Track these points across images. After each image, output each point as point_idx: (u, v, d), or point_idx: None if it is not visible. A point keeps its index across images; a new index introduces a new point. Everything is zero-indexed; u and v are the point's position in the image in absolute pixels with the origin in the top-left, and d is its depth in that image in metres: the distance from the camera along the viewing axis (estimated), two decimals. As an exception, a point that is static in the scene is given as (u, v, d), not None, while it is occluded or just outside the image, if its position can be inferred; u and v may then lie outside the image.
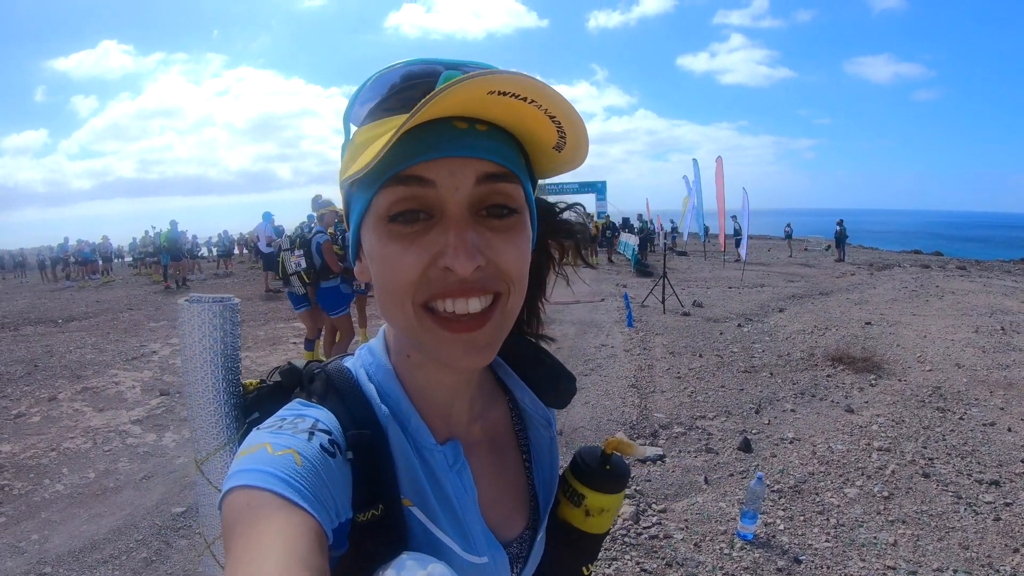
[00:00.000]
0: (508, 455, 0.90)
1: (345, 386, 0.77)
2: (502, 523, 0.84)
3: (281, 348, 9.87)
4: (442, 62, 0.67)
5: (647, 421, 5.97)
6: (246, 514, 0.57)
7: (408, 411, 0.76)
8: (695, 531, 4.00)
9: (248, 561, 0.52)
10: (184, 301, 0.83)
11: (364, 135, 0.67)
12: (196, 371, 0.82)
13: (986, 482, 4.52)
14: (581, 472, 0.95)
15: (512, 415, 0.93)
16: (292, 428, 0.67)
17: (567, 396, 0.95)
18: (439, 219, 0.64)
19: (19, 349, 10.48)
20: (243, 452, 0.64)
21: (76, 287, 22.98)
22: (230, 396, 0.83)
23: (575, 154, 0.70)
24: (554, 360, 0.95)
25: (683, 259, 26.37)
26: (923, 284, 14.97)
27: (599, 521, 0.95)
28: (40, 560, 3.89)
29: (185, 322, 0.83)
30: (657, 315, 11.80)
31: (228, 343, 0.84)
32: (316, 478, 0.62)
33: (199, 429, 0.82)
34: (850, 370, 7.46)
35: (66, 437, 6.01)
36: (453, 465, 0.78)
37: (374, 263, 0.68)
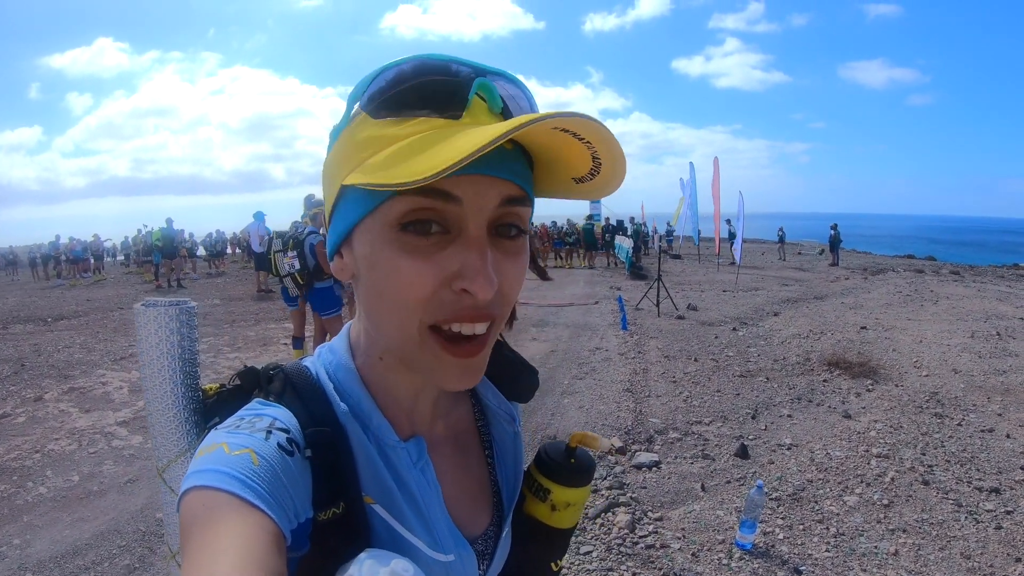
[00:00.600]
0: (471, 452, 0.89)
1: (303, 385, 0.75)
2: (467, 520, 0.83)
3: (272, 348, 9.78)
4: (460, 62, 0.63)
5: (642, 426, 5.89)
6: (202, 515, 0.56)
7: (370, 409, 0.75)
8: (692, 540, 3.92)
9: (202, 563, 0.52)
10: (139, 306, 0.81)
11: (375, 130, 0.62)
12: (154, 377, 0.81)
13: (986, 489, 4.47)
14: (546, 466, 0.94)
15: (475, 411, 0.92)
16: (249, 427, 0.65)
17: (529, 390, 0.94)
18: (456, 236, 0.62)
19: (6, 348, 10.35)
20: (200, 452, 0.63)
21: (67, 285, 22.86)
22: (189, 401, 0.82)
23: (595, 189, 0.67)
24: (515, 354, 0.94)
25: (677, 262, 26.39)
26: (917, 289, 14.99)
27: (565, 516, 0.94)
28: (21, 566, 3.79)
29: (141, 327, 0.81)
30: (651, 318, 11.75)
31: (186, 347, 0.82)
32: (274, 477, 0.61)
33: (159, 436, 0.81)
34: (847, 375, 7.42)
35: (51, 438, 5.89)
36: (417, 462, 0.76)
37: (375, 271, 0.64)
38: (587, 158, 0.61)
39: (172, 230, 20.44)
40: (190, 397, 0.83)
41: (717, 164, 20.71)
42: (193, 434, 0.82)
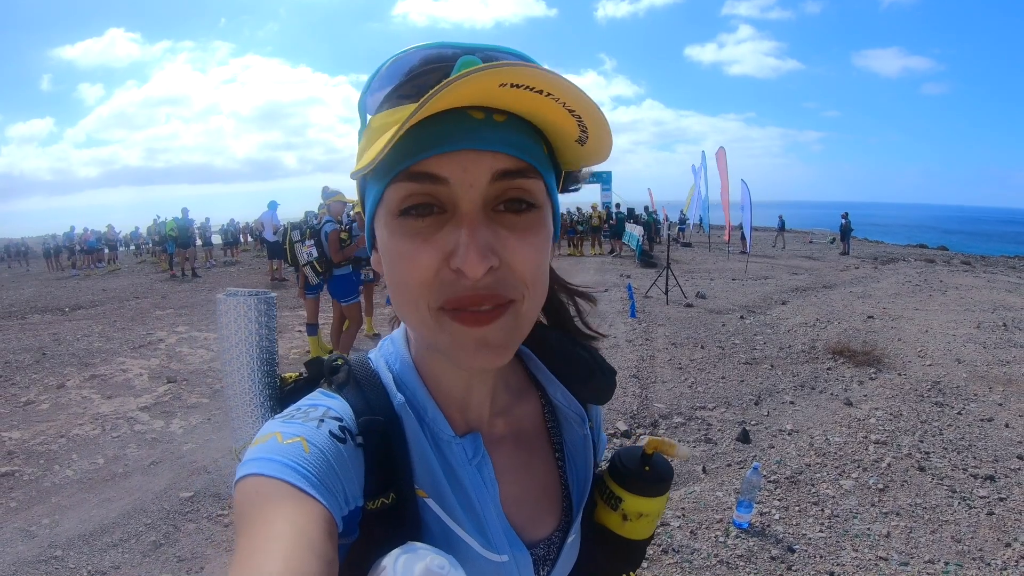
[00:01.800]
0: (538, 452, 0.86)
1: (364, 376, 0.76)
2: (529, 522, 0.81)
3: (286, 335, 9.96)
4: (461, 46, 0.64)
5: (647, 411, 6.03)
6: (255, 502, 0.57)
7: (425, 401, 0.75)
8: (692, 519, 4.07)
9: (255, 549, 0.53)
10: (222, 295, 0.85)
11: (378, 122, 0.65)
12: (233, 363, 0.83)
13: (981, 477, 4.57)
14: (619, 474, 0.91)
15: (545, 411, 0.89)
16: (303, 416, 0.67)
17: (605, 392, 0.90)
18: (452, 214, 0.61)
19: (27, 337, 10.58)
20: (256, 441, 0.64)
21: (82, 276, 23.12)
22: (266, 388, 0.84)
23: (598, 149, 0.67)
24: (592, 353, 0.90)
25: (688, 250, 26.34)
26: (927, 279, 14.96)
27: (638, 526, 0.91)
28: (51, 544, 3.98)
29: (223, 315, 0.84)
30: (660, 306, 11.83)
31: (264, 336, 0.85)
32: (325, 465, 0.62)
33: (237, 420, 0.84)
34: (850, 363, 7.50)
35: (75, 424, 6.10)
36: (472, 459, 0.76)
37: (386, 258, 0.66)
38: (569, 118, 0.60)
39: (187, 220, 20.60)
40: (267, 383, 0.85)
41: (723, 154, 20.66)
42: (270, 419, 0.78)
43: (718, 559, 3.65)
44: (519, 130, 0.62)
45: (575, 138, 0.64)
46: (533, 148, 0.63)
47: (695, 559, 3.66)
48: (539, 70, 0.53)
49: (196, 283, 18.43)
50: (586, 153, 0.67)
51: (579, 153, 0.68)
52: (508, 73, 0.52)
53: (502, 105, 0.59)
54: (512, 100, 0.58)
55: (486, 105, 0.59)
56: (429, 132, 0.58)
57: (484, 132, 0.59)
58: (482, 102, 0.58)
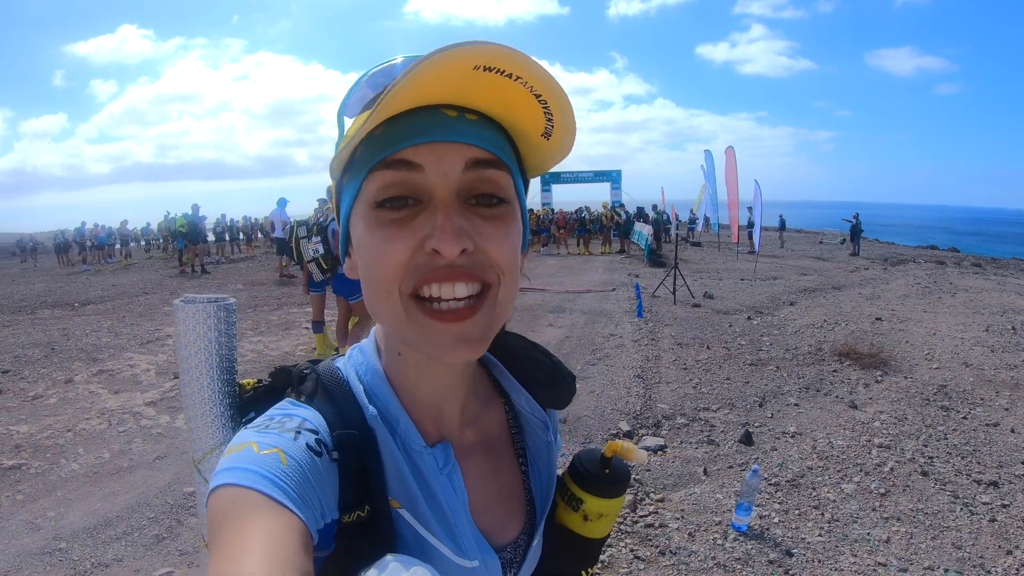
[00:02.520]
0: (504, 459, 0.88)
1: (334, 386, 0.76)
2: (496, 528, 0.83)
3: (293, 332, 10.00)
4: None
5: (651, 411, 6.04)
6: (231, 512, 0.57)
7: (397, 413, 0.75)
8: (690, 521, 4.08)
9: (231, 560, 0.53)
10: (179, 302, 0.84)
11: (357, 123, 0.68)
12: (192, 371, 0.83)
13: (985, 483, 4.55)
14: (580, 476, 0.93)
15: (509, 418, 0.91)
16: (279, 427, 0.67)
17: (565, 397, 0.93)
18: (427, 204, 0.64)
19: (36, 332, 10.66)
20: (229, 450, 0.64)
21: (92, 271, 23.29)
22: (226, 396, 0.84)
23: (563, 140, 0.69)
24: (552, 359, 0.94)
25: (697, 250, 26.29)
26: (936, 281, 14.87)
27: (598, 526, 0.94)
28: (56, 536, 4.03)
29: (180, 322, 0.83)
30: (667, 306, 11.82)
31: (224, 343, 0.84)
32: (302, 477, 0.62)
33: (196, 428, 0.83)
34: (857, 366, 7.48)
35: (82, 418, 6.15)
36: (443, 468, 0.76)
37: (361, 251, 0.67)
38: (536, 106, 0.63)
39: (197, 216, 20.73)
40: (227, 392, 0.84)
41: (731, 154, 20.59)
42: (229, 428, 0.83)
43: (715, 562, 3.65)
44: (489, 128, 0.65)
45: (541, 131, 0.67)
46: (503, 146, 0.67)
47: (692, 561, 3.66)
48: (508, 48, 0.56)
49: (205, 279, 18.53)
50: (551, 149, 0.70)
51: (545, 152, 0.71)
52: (479, 52, 0.55)
53: (473, 99, 0.63)
54: (482, 90, 0.61)
55: (458, 101, 0.63)
56: (406, 125, 0.61)
57: (458, 127, 0.63)
58: (455, 94, 0.61)
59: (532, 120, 0.65)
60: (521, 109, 0.64)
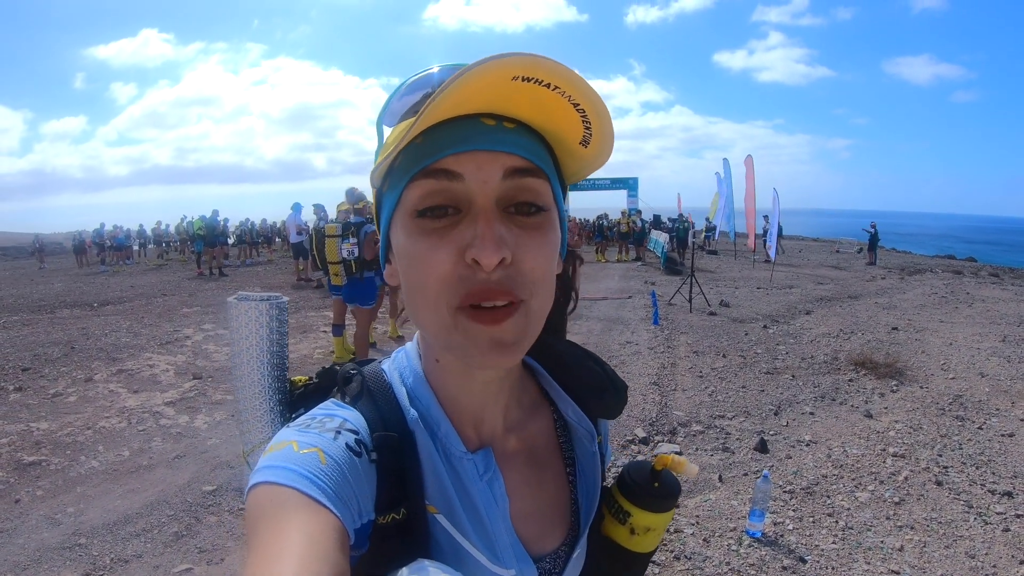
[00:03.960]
0: (549, 468, 0.87)
1: (378, 388, 0.77)
2: (537, 536, 0.82)
3: (311, 336, 10.07)
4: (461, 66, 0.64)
5: (666, 418, 6.04)
6: (269, 510, 0.58)
7: (438, 417, 0.76)
8: (705, 527, 4.09)
9: (268, 556, 0.53)
10: (233, 299, 0.86)
11: (397, 131, 0.68)
12: (244, 366, 0.84)
13: (999, 493, 4.53)
14: (628, 488, 0.92)
15: (557, 427, 0.90)
16: (319, 427, 0.68)
17: (616, 407, 0.91)
18: (467, 213, 0.64)
19: (56, 331, 10.79)
20: (270, 448, 0.65)
21: (110, 272, 23.50)
22: (276, 392, 0.85)
23: (601, 147, 0.69)
24: (604, 367, 0.92)
25: (714, 258, 26.16)
26: (954, 291, 14.77)
27: (645, 540, 0.92)
28: (75, 532, 4.10)
29: (234, 319, 0.85)
30: (684, 314, 11.80)
31: (276, 340, 0.86)
32: (340, 477, 0.63)
33: (246, 422, 0.84)
34: (872, 375, 7.45)
35: (102, 416, 6.25)
36: (483, 475, 0.76)
37: (403, 260, 0.67)
38: (575, 115, 0.63)
39: (215, 220, 20.91)
40: (277, 388, 0.85)
41: (751, 162, 20.54)
42: (279, 423, 0.84)
43: (729, 567, 3.66)
44: (527, 136, 0.66)
45: (579, 139, 0.67)
46: (542, 153, 0.67)
47: (706, 567, 3.68)
48: (547, 59, 0.57)
49: (223, 282, 18.69)
50: (589, 156, 0.71)
51: (583, 159, 0.71)
52: (519, 63, 0.56)
53: (512, 109, 0.63)
54: (521, 100, 0.61)
55: (497, 110, 0.63)
56: (446, 134, 0.62)
57: (497, 135, 0.63)
58: (494, 104, 0.62)
59: (570, 128, 0.65)
60: (559, 117, 0.64)
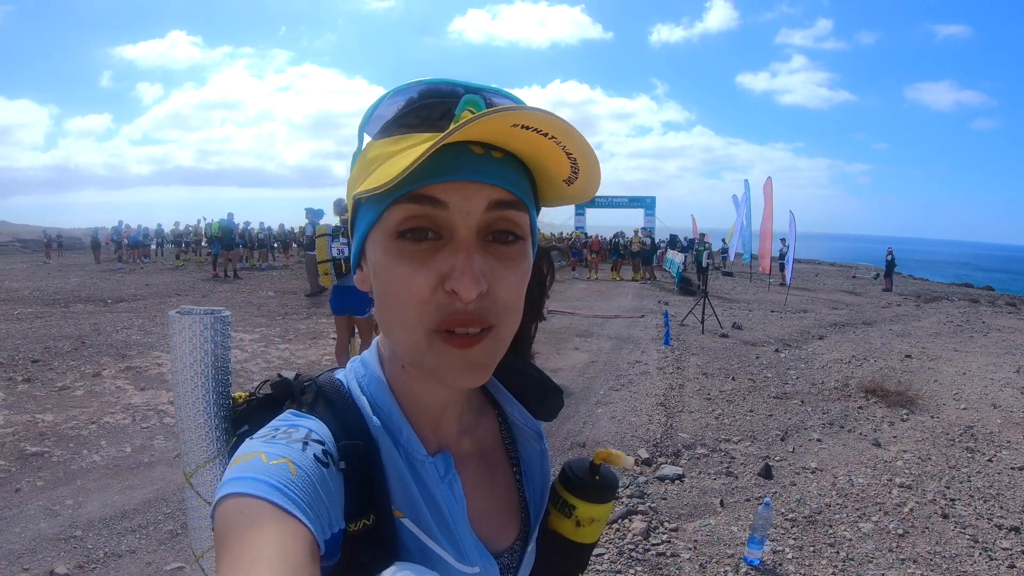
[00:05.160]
0: (498, 468, 0.90)
1: (336, 397, 0.78)
2: (492, 534, 0.84)
3: (320, 342, 10.08)
4: (462, 84, 0.69)
5: (671, 440, 5.99)
6: (239, 522, 0.57)
7: (400, 422, 0.76)
8: (703, 552, 4.03)
9: (241, 569, 0.53)
10: (174, 313, 0.84)
11: (379, 149, 0.68)
12: (185, 383, 0.82)
13: (1006, 528, 4.45)
14: (571, 483, 0.95)
15: (502, 428, 0.93)
16: (286, 438, 0.67)
17: (554, 409, 0.95)
18: (448, 241, 0.65)
19: (68, 325, 10.89)
20: (236, 460, 0.64)
21: (127, 270, 23.75)
22: (219, 408, 0.84)
23: (585, 189, 0.70)
24: (541, 374, 0.95)
25: (728, 280, 26.07)
26: (969, 319, 14.63)
27: (589, 531, 0.96)
28: (72, 524, 4.11)
29: (175, 334, 0.83)
30: (695, 335, 11.76)
31: (219, 355, 0.84)
32: (311, 488, 0.62)
33: (188, 442, 0.82)
34: (883, 403, 7.37)
35: (107, 412, 6.27)
36: (444, 477, 0.78)
37: (379, 278, 0.68)
38: (565, 160, 0.64)
39: (231, 223, 21.06)
40: (220, 404, 0.84)
41: (770, 184, 20.46)
42: (222, 441, 0.83)
43: (726, 593, 3.61)
44: (513, 167, 0.66)
45: (564, 178, 0.68)
46: (523, 184, 0.68)
47: (703, 591, 3.63)
48: (549, 115, 0.57)
49: (237, 284, 18.84)
50: (571, 192, 0.71)
51: (564, 191, 0.72)
52: (521, 116, 0.57)
53: (504, 144, 0.64)
54: (516, 140, 0.62)
55: (490, 142, 0.63)
56: (434, 161, 0.61)
57: (484, 166, 0.63)
58: (489, 139, 0.62)
59: (558, 169, 0.66)
60: (549, 159, 0.65)
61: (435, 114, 0.67)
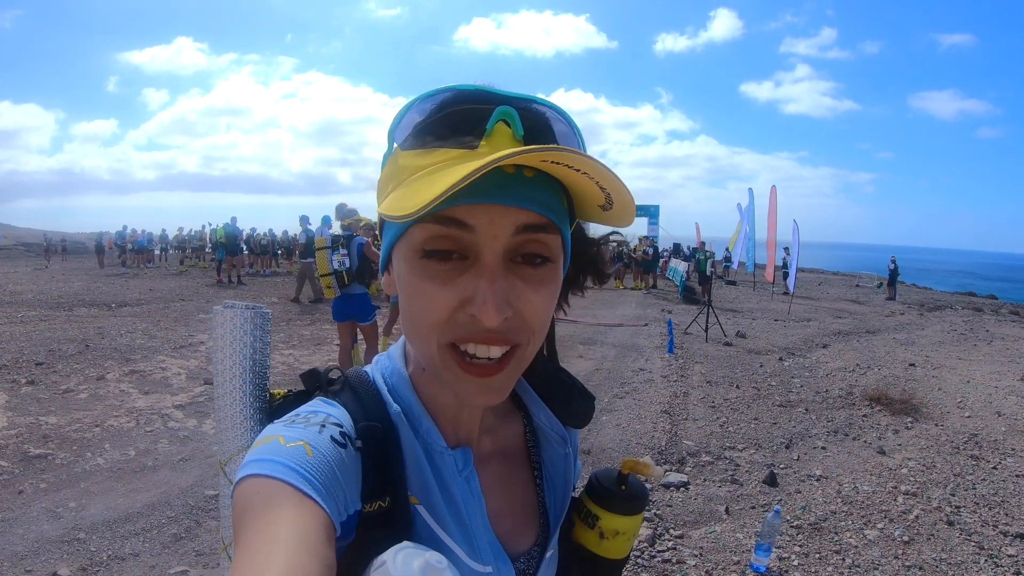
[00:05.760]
0: (519, 470, 0.89)
1: (360, 386, 0.78)
2: (509, 536, 0.83)
3: (324, 348, 10.10)
4: (495, 92, 0.66)
5: (675, 447, 5.97)
6: (257, 502, 0.58)
7: (420, 414, 0.77)
8: (708, 559, 4.02)
9: (257, 550, 0.54)
10: (218, 307, 0.86)
11: (410, 160, 0.66)
12: (225, 374, 0.84)
13: (1012, 535, 4.43)
14: (596, 493, 0.93)
15: (527, 431, 0.92)
16: (305, 422, 0.68)
17: (584, 416, 0.93)
18: (473, 262, 0.64)
19: (72, 329, 10.91)
20: (257, 443, 0.65)
21: (131, 274, 23.80)
22: (256, 400, 0.85)
23: (620, 218, 0.70)
24: (572, 379, 0.94)
25: (731, 288, 26.01)
26: (973, 328, 14.59)
27: (614, 545, 0.92)
28: (75, 526, 4.11)
29: (218, 327, 0.85)
30: (699, 343, 11.74)
31: (258, 349, 0.86)
32: (327, 469, 0.63)
33: (224, 431, 0.84)
34: (887, 411, 7.34)
35: (111, 415, 6.28)
36: (462, 471, 0.77)
37: (403, 292, 0.68)
38: (598, 191, 0.63)
39: (235, 229, 21.07)
40: (258, 396, 0.85)
41: (774, 193, 20.46)
42: (257, 432, 0.81)
43: (732, 600, 3.60)
44: (547, 187, 0.64)
45: (599, 204, 0.66)
46: (556, 204, 0.66)
47: (708, 598, 3.61)
48: (582, 157, 0.56)
49: (241, 290, 18.87)
50: (606, 217, 0.70)
51: (600, 215, 0.71)
52: (556, 155, 0.56)
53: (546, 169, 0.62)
54: (547, 168, 0.61)
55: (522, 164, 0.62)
56: None
57: (515, 188, 0.61)
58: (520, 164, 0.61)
59: (592, 196, 0.65)
60: (584, 187, 0.64)
61: (462, 125, 0.63)
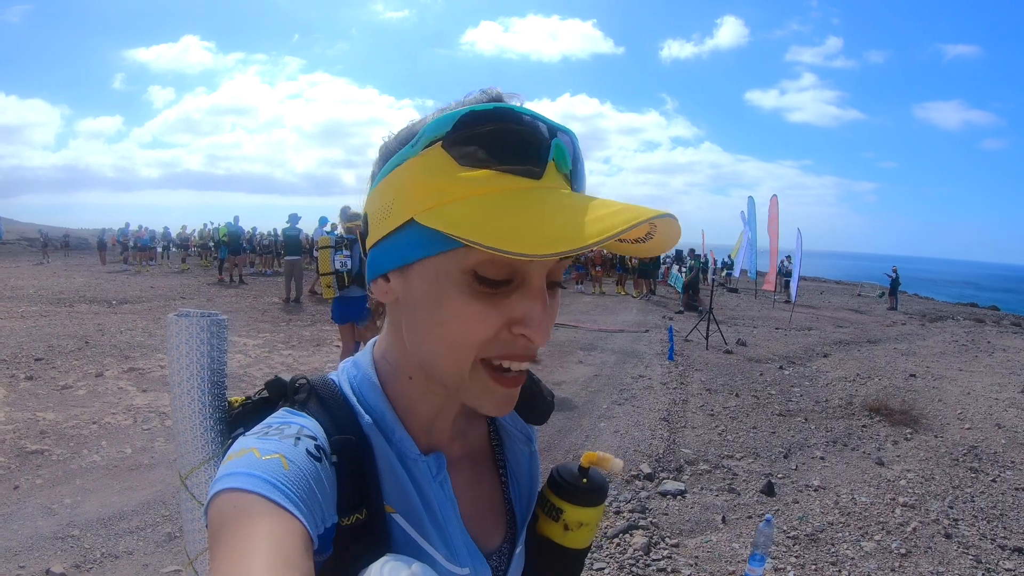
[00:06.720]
0: (486, 470, 0.91)
1: (329, 396, 0.77)
2: (480, 536, 0.85)
3: (324, 349, 10.10)
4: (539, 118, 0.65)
5: (673, 455, 5.95)
6: (233, 517, 0.57)
7: (393, 422, 0.77)
8: (703, 568, 4.00)
9: (235, 562, 0.53)
10: (172, 316, 0.84)
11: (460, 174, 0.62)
12: (183, 384, 0.82)
13: (1009, 548, 4.41)
14: (558, 486, 0.94)
15: (490, 431, 0.94)
16: (278, 434, 0.67)
17: (544, 414, 0.97)
18: (519, 285, 0.65)
19: (72, 325, 10.91)
20: (230, 457, 0.64)
21: (132, 272, 23.84)
22: (215, 411, 0.83)
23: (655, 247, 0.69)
24: (532, 379, 0.96)
25: (733, 296, 26.00)
26: (974, 339, 14.54)
27: (578, 536, 0.94)
28: (70, 523, 4.11)
29: (173, 336, 0.83)
30: (699, 351, 11.74)
31: (215, 358, 0.84)
32: (303, 482, 0.63)
33: (183, 443, 0.82)
34: (887, 422, 7.32)
35: (108, 412, 6.27)
36: (436, 476, 0.78)
37: (438, 308, 0.67)
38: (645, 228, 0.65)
39: (238, 228, 21.09)
40: (216, 406, 0.84)
41: (775, 202, 20.45)
42: (217, 443, 0.82)
43: (726, 610, 3.58)
44: None
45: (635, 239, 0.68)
46: None
47: (703, 607, 3.59)
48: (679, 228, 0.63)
49: (242, 289, 18.87)
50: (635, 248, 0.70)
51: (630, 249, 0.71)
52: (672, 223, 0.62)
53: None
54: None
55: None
56: None
57: None
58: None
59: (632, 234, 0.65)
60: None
61: (523, 152, 0.62)
